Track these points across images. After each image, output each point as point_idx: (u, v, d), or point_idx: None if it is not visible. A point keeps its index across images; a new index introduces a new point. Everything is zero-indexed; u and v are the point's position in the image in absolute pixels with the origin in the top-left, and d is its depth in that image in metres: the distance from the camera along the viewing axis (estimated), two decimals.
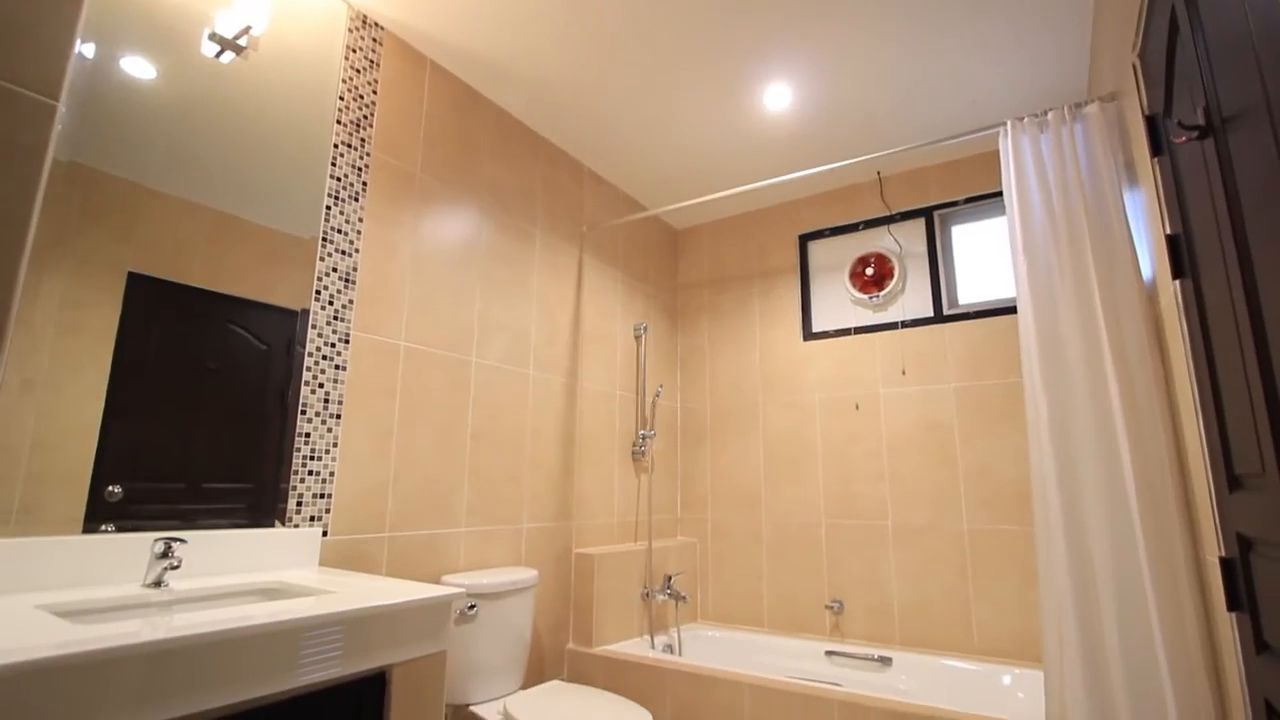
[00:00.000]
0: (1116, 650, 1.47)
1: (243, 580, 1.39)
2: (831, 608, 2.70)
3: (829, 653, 2.57)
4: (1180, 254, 1.28)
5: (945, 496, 2.53)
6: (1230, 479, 1.15)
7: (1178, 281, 1.31)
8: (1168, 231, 1.33)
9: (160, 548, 1.30)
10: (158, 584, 1.28)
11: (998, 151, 2.61)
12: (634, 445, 2.95)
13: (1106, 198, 1.67)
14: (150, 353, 1.40)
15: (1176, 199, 1.27)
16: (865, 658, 2.49)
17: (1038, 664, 2.25)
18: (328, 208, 1.78)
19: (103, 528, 1.30)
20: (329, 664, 1.11)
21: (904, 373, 2.69)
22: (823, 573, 2.76)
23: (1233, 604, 1.21)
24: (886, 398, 2.72)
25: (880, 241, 2.86)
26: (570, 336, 2.67)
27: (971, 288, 2.69)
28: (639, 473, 2.97)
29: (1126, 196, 1.70)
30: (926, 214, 2.78)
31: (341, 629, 1.14)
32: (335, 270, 1.78)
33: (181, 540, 1.33)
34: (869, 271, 2.85)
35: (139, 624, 0.95)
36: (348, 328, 1.79)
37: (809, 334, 2.98)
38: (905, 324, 2.73)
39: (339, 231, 1.80)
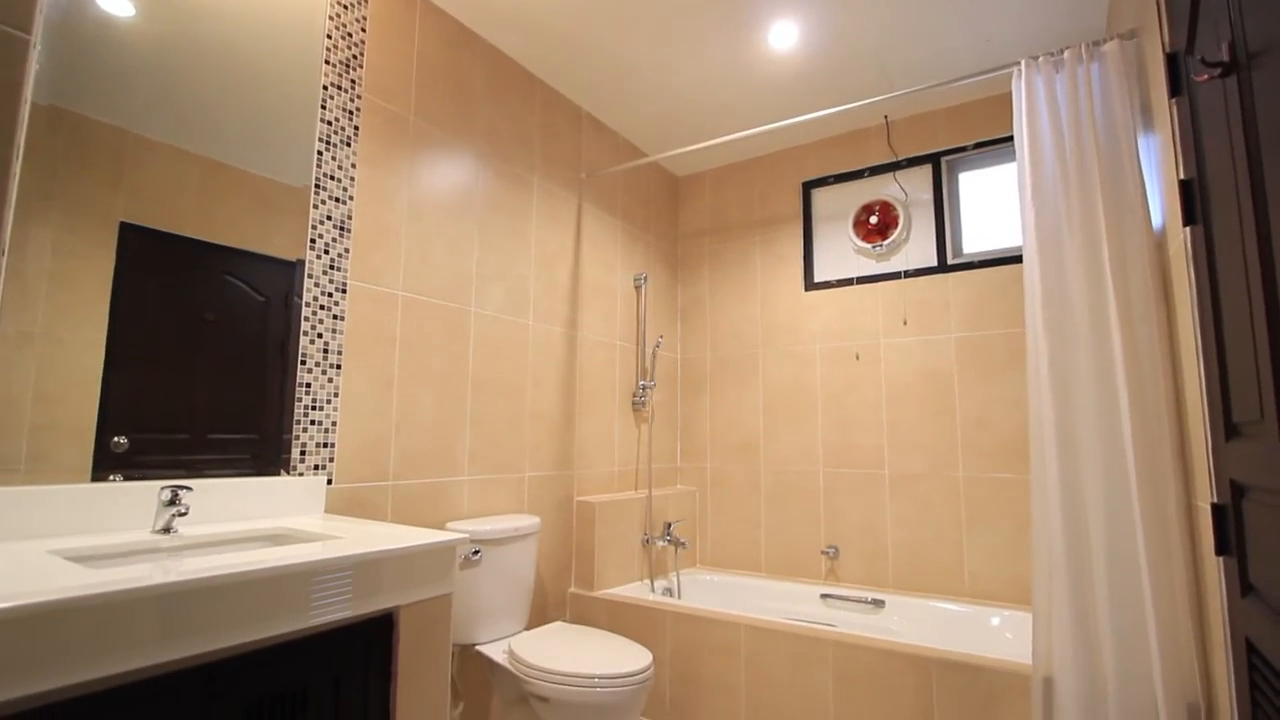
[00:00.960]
0: (1104, 592, 1.52)
1: (250, 527, 1.42)
2: (827, 553, 2.77)
3: (824, 596, 2.64)
4: (1192, 200, 1.25)
5: (942, 445, 2.56)
6: (1228, 427, 1.16)
7: (1188, 229, 1.29)
8: (1181, 176, 1.30)
9: (167, 495, 1.32)
10: (167, 530, 1.30)
11: (1010, 94, 2.53)
12: (634, 395, 2.96)
13: (1120, 142, 1.63)
14: (147, 305, 1.39)
15: (1193, 142, 1.23)
16: (859, 600, 2.56)
17: (1026, 606, 2.32)
18: (319, 153, 1.73)
19: (110, 477, 1.32)
20: (338, 605, 1.15)
21: (905, 323, 2.68)
22: (819, 520, 2.82)
23: (1221, 549, 1.24)
24: (887, 348, 2.72)
25: (886, 189, 2.80)
26: (570, 287, 2.65)
27: (976, 237, 2.65)
28: (639, 423, 2.99)
29: (1140, 141, 1.65)
30: (934, 160, 2.71)
31: (350, 572, 1.17)
32: (329, 219, 1.74)
33: (188, 488, 1.34)
34: (873, 220, 2.80)
35: (152, 567, 0.97)
36: (344, 277, 1.77)
37: (810, 284, 2.95)
38: (908, 274, 2.70)
39: (331, 178, 1.76)
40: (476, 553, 1.95)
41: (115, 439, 1.33)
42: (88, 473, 1.29)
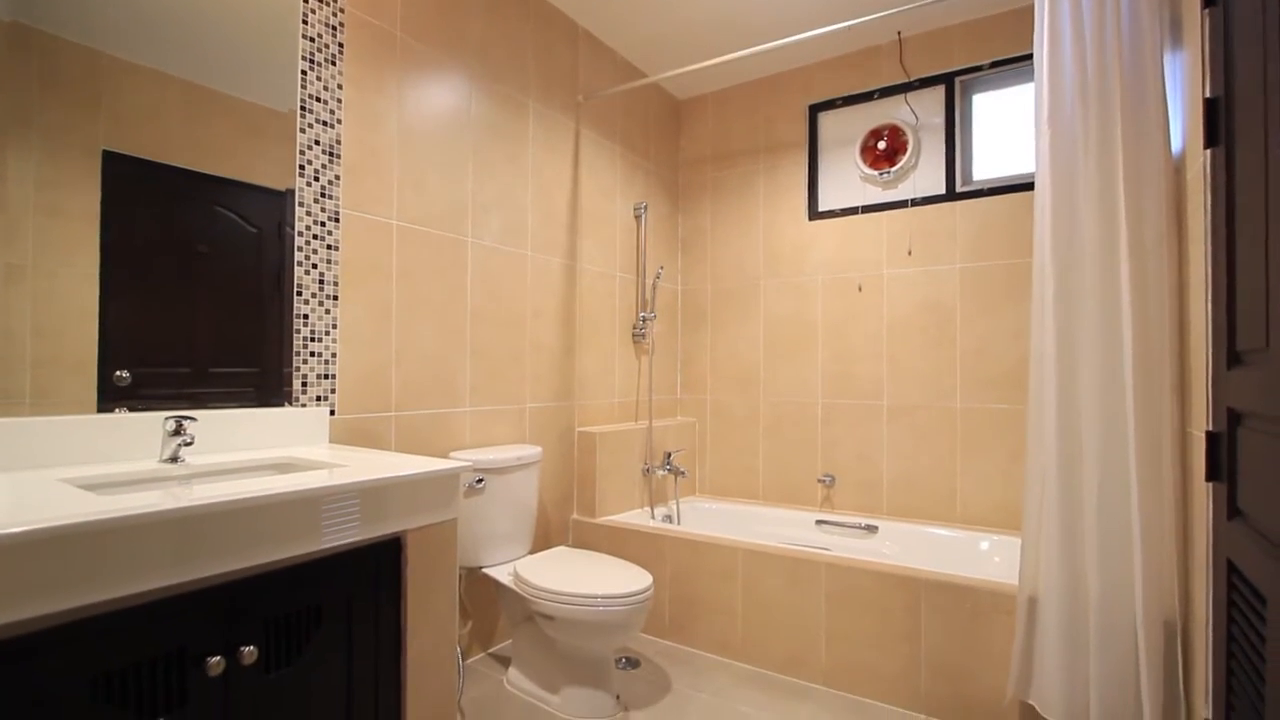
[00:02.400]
0: (1093, 516, 1.55)
1: (256, 456, 1.44)
2: (823, 481, 2.83)
3: (819, 522, 2.72)
4: (1217, 119, 1.20)
5: (941, 376, 2.57)
6: (1230, 355, 1.15)
7: (1209, 151, 1.24)
8: (1207, 94, 1.24)
9: (171, 425, 1.33)
10: (174, 460, 1.32)
11: (1031, 8, 2.39)
12: (634, 327, 2.95)
13: (1145, 58, 1.54)
14: (139, 237, 1.36)
15: (1223, 56, 1.17)
16: (853, 526, 2.64)
17: (1016, 532, 2.39)
18: (303, 73, 1.65)
19: (115, 410, 1.32)
20: (348, 530, 1.18)
21: (910, 253, 2.63)
22: (816, 449, 2.86)
23: (1212, 475, 1.26)
24: (890, 279, 2.69)
25: (896, 112, 2.69)
26: (568, 216, 2.59)
27: (987, 163, 2.57)
28: (639, 354, 3.00)
29: (1166, 59, 1.57)
30: (947, 80, 2.59)
31: (358, 498, 1.19)
32: (318, 143, 1.68)
33: (191, 418, 1.36)
34: (881, 145, 2.70)
35: (163, 494, 0.99)
36: (336, 205, 1.73)
37: (814, 213, 2.89)
38: (915, 202, 2.64)
39: (317, 100, 1.68)
40: (480, 481, 1.99)
41: (118, 373, 1.33)
42: (93, 406, 1.30)
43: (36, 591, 0.80)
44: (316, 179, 1.68)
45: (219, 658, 1.00)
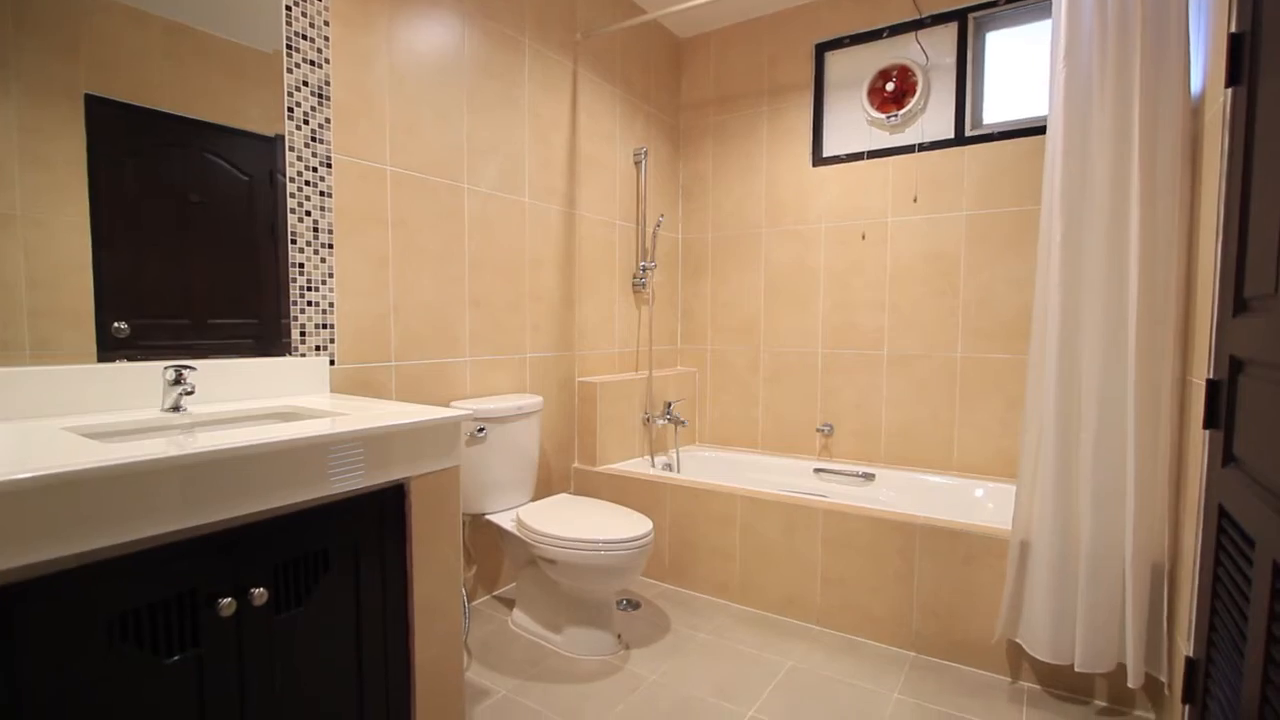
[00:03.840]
0: (1089, 462, 1.57)
1: (258, 405, 1.45)
2: (822, 431, 2.86)
3: (817, 470, 2.76)
4: (1240, 56, 1.15)
5: (942, 326, 2.56)
6: (1237, 302, 1.14)
7: (1230, 90, 1.20)
8: (1233, 29, 1.19)
9: (172, 375, 1.33)
10: (176, 409, 1.32)
11: None
12: (634, 276, 2.93)
13: None
14: (128, 185, 1.34)
15: None
16: (850, 474, 2.68)
17: (1011, 479, 2.42)
18: (287, 8, 1.58)
19: (115, 361, 1.32)
20: (352, 476, 1.19)
21: (915, 200, 2.58)
22: (816, 399, 2.88)
23: (1209, 422, 1.26)
24: (894, 226, 2.64)
25: (905, 51, 2.59)
26: (566, 161, 2.52)
27: (998, 106, 2.49)
28: (639, 304, 2.98)
29: None
30: (960, 17, 2.49)
31: (362, 445, 1.20)
32: (306, 84, 1.62)
33: (191, 368, 1.35)
34: (889, 87, 2.61)
35: (167, 442, 1.00)
36: (328, 150, 1.68)
37: (819, 159, 2.82)
38: (922, 147, 2.57)
39: (303, 37, 1.61)
40: (481, 430, 2.01)
41: (116, 324, 1.32)
42: (93, 356, 1.30)
43: (49, 535, 0.81)
44: (306, 122, 1.63)
45: (230, 599, 1.02)
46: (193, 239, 1.44)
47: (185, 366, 1.35)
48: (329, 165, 1.69)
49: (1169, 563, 1.55)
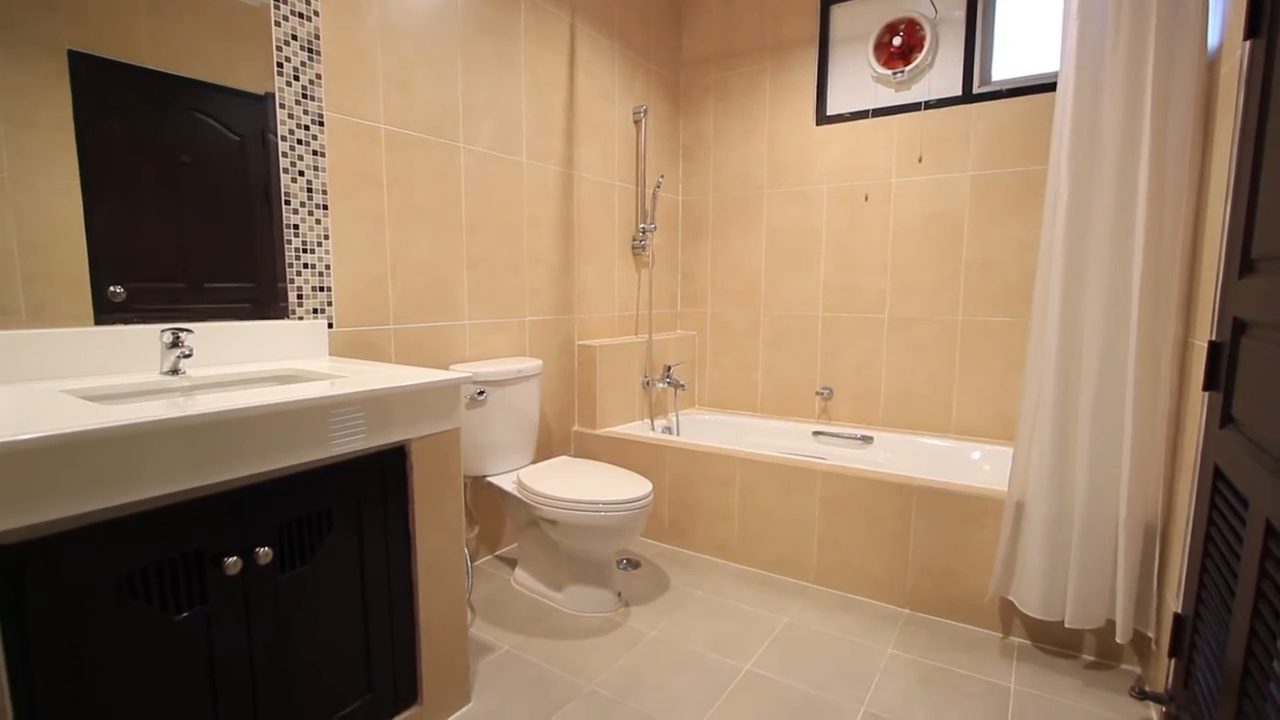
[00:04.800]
0: (1087, 424, 1.58)
1: (257, 368, 1.45)
2: (821, 394, 2.86)
3: (816, 433, 2.78)
4: (1261, 6, 1.11)
5: (944, 289, 2.54)
6: (1244, 263, 1.13)
7: (1248, 42, 1.16)
8: None
9: (169, 338, 1.32)
10: (174, 372, 1.32)
11: None
12: (634, 239, 2.89)
13: None
14: (117, 146, 1.31)
15: None
16: (849, 437, 2.70)
17: (1008, 442, 2.44)
18: None
19: (112, 325, 1.31)
20: (354, 438, 1.20)
21: (920, 160, 2.53)
22: (816, 362, 2.88)
23: (1209, 384, 1.26)
24: (898, 187, 2.60)
25: (914, 4, 2.51)
26: (564, 120, 2.47)
27: (1007, 63, 2.42)
28: (639, 267, 2.95)
29: None
30: None
31: (363, 407, 1.21)
32: (295, 38, 1.58)
33: (188, 330, 1.35)
34: (896, 42, 2.54)
35: (168, 404, 1.00)
36: (320, 107, 1.64)
37: (822, 117, 2.75)
38: (929, 105, 2.51)
39: None
40: (482, 393, 2.01)
41: (112, 288, 1.31)
42: (90, 320, 1.29)
43: (55, 495, 0.82)
44: (296, 78, 1.59)
45: (236, 558, 1.04)
46: (185, 201, 1.42)
47: (183, 329, 1.34)
48: (321, 123, 1.65)
49: (1162, 523, 1.57)
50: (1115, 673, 1.67)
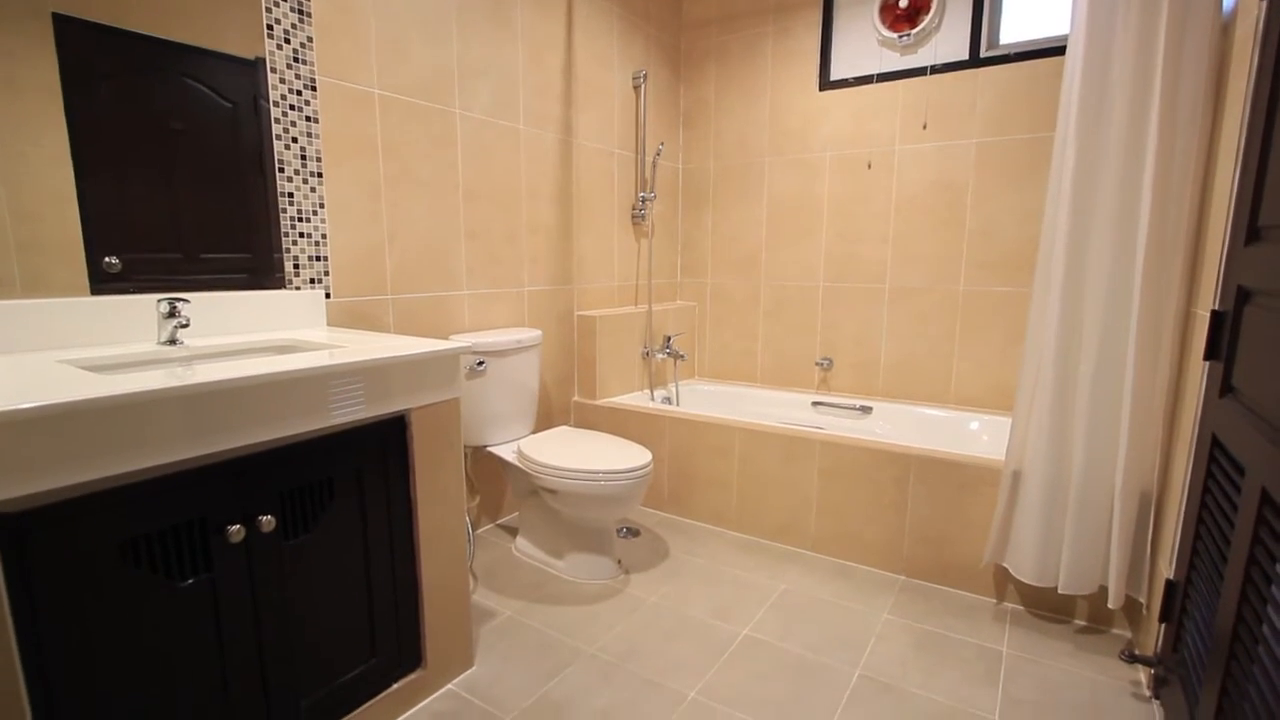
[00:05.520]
0: (1086, 393, 1.58)
1: (254, 338, 1.44)
2: (821, 365, 2.86)
3: (815, 403, 2.79)
4: None
5: (946, 259, 2.52)
6: (1250, 231, 1.12)
7: (1265, 2, 1.13)
8: None
9: (165, 308, 1.32)
10: (172, 342, 1.32)
11: None
12: (633, 208, 2.86)
13: None
14: (106, 113, 1.28)
15: None
16: (848, 407, 2.71)
17: (1006, 412, 2.45)
18: None
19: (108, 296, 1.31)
20: (354, 408, 1.20)
21: (925, 127, 2.49)
22: (816, 333, 2.87)
23: (1210, 354, 1.26)
24: (902, 155, 2.56)
25: None
26: (562, 85, 2.42)
27: (1017, 25, 2.36)
28: (639, 237, 2.93)
29: None
30: None
31: (362, 377, 1.21)
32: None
33: (185, 300, 1.34)
34: (903, 3, 2.47)
35: (167, 374, 1.00)
36: (312, 72, 1.60)
37: (826, 83, 2.70)
38: (935, 69, 2.45)
39: None
40: (481, 364, 2.01)
41: (107, 259, 1.30)
42: (85, 291, 1.28)
43: (58, 464, 0.82)
44: (287, 41, 1.55)
45: (239, 526, 1.05)
46: (178, 170, 1.40)
47: (179, 299, 1.34)
48: (314, 88, 1.61)
49: (1157, 491, 1.58)
50: (1106, 637, 1.70)
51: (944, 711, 1.42)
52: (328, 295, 1.70)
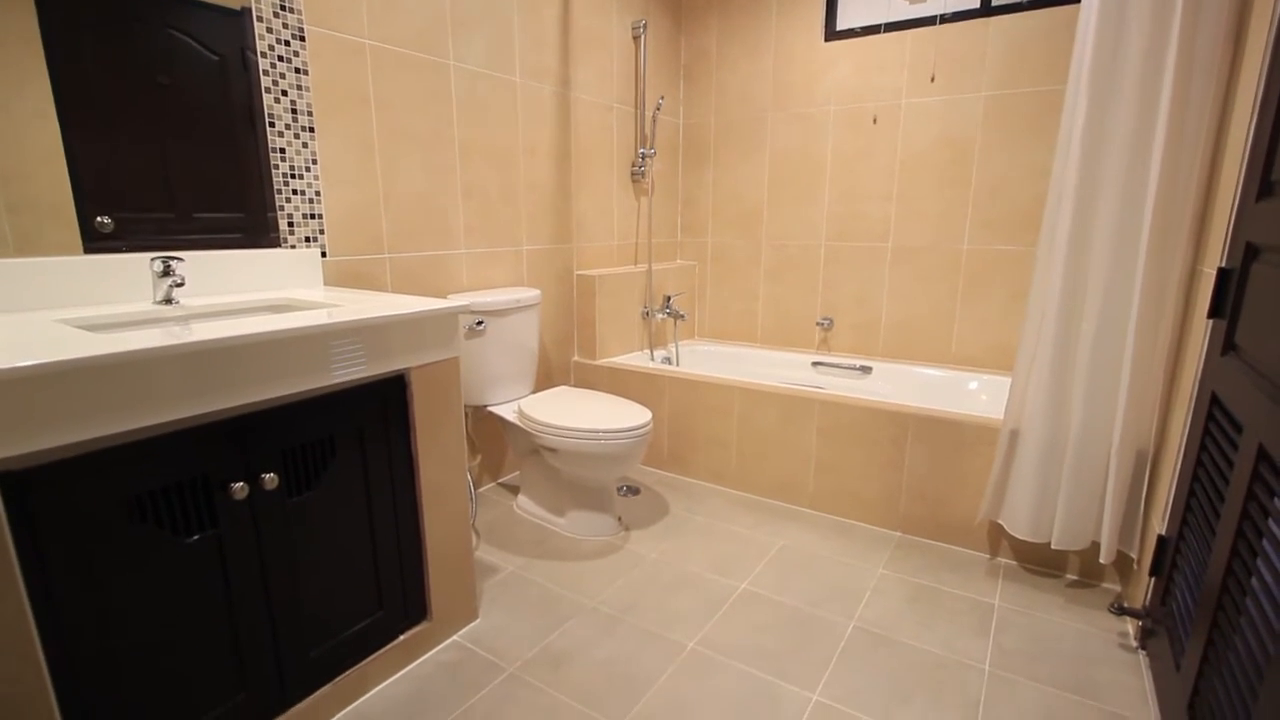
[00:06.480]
0: (1087, 352, 1.58)
1: (251, 298, 1.43)
2: (821, 324, 2.85)
3: (815, 363, 2.79)
4: None
5: (951, 217, 2.48)
6: (1263, 185, 1.09)
7: None
8: None
9: (160, 267, 1.30)
10: (168, 301, 1.31)
11: None
12: (633, 165, 2.81)
13: None
14: (89, 66, 1.24)
15: None
16: (848, 367, 2.71)
17: (1005, 371, 2.45)
18: None
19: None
20: (354, 367, 1.20)
21: (933, 79, 2.42)
22: (817, 293, 2.85)
23: (1215, 312, 1.25)
24: (908, 109, 2.50)
25: None
26: (559, 35, 2.34)
27: None
28: (639, 195, 2.88)
29: None
30: None
31: (361, 336, 1.20)
32: None
33: (179, 259, 1.32)
34: None
35: (165, 332, 0.99)
36: (300, 20, 1.55)
37: (832, 33, 2.61)
38: (945, 19, 2.37)
39: None
40: (480, 323, 2.00)
41: (99, 219, 1.28)
42: (79, 250, 1.26)
43: (59, 422, 0.82)
44: None
45: (242, 484, 1.06)
46: (167, 126, 1.36)
47: (173, 258, 1.32)
48: (302, 38, 1.56)
49: (1154, 449, 1.59)
50: (1096, 591, 1.74)
51: (936, 661, 1.46)
52: (324, 254, 1.68)
